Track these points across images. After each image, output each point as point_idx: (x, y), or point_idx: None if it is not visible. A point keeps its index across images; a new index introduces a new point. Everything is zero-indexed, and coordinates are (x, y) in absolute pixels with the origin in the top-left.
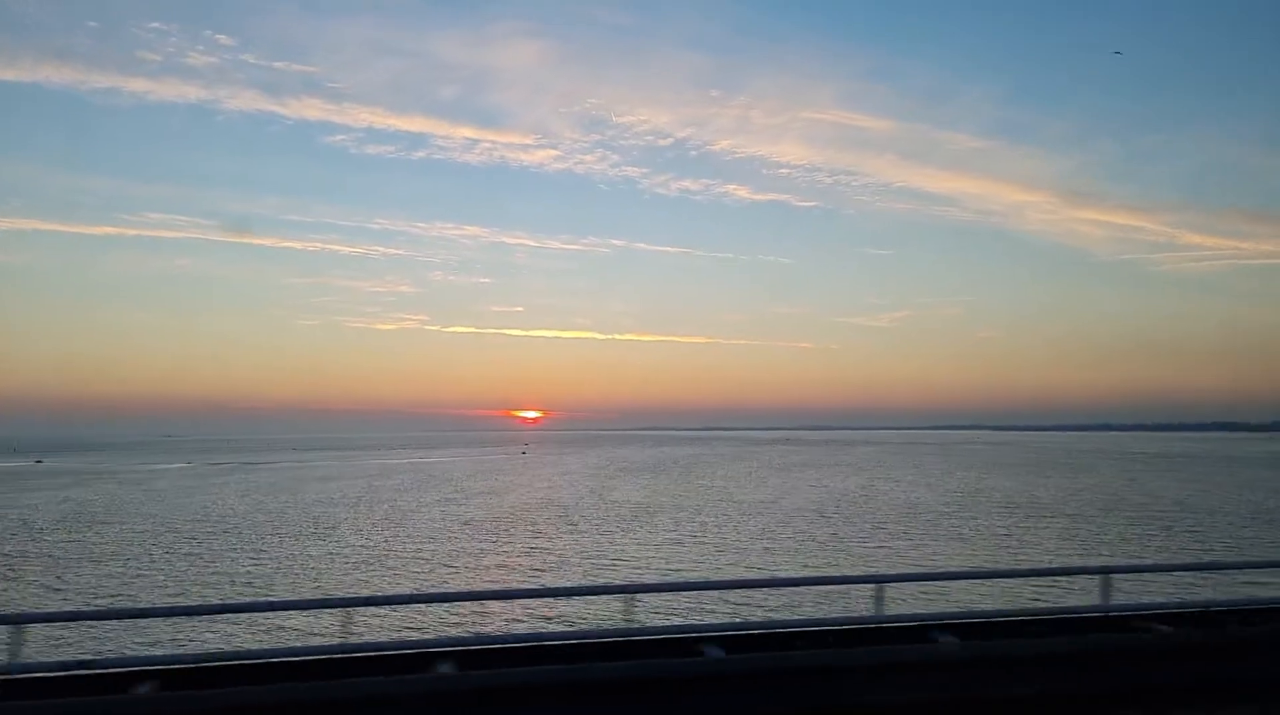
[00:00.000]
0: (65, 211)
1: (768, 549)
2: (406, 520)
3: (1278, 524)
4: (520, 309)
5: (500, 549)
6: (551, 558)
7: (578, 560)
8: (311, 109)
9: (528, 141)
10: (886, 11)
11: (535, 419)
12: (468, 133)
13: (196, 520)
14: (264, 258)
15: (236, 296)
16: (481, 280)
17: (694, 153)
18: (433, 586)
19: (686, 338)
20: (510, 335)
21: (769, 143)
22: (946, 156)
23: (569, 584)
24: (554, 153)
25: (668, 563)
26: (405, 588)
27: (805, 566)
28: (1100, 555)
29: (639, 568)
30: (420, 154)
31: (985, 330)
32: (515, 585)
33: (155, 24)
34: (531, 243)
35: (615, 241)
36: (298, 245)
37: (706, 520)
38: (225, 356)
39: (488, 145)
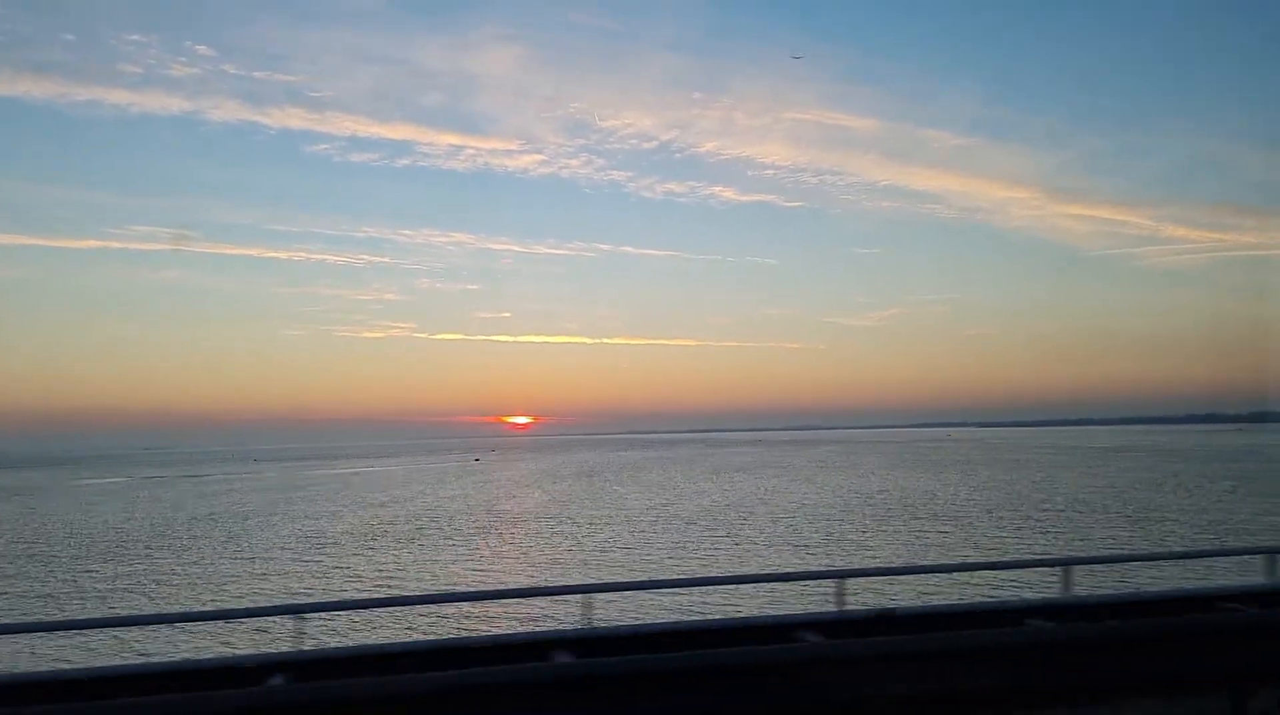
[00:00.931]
0: (48, 225)
1: (607, 555)
2: (248, 536)
3: (1141, 522)
4: (508, 315)
5: (288, 568)
6: (340, 577)
7: (371, 576)
8: (294, 118)
9: (511, 147)
10: (866, 11)
11: (526, 425)
12: (451, 139)
13: (30, 541)
14: (249, 268)
15: (222, 308)
16: (469, 287)
17: (679, 155)
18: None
19: (675, 341)
20: (499, 341)
21: (753, 144)
22: (931, 154)
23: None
24: (538, 158)
25: (448, 577)
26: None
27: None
28: (915, 556)
29: (415, 581)
30: (404, 161)
31: (973, 327)
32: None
33: (135, 36)
34: (518, 248)
35: (602, 245)
36: (283, 255)
37: (566, 528)
38: (213, 368)
39: (472, 151)
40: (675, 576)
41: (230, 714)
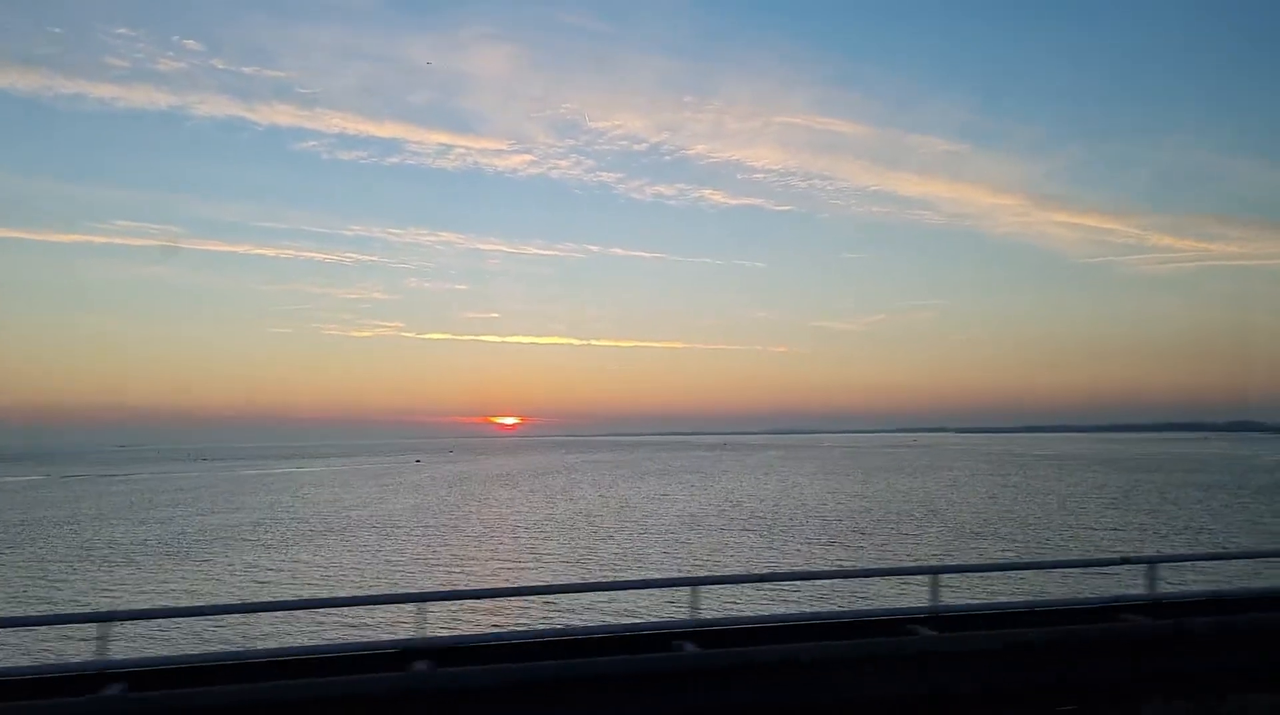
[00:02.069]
0: (33, 219)
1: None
2: (63, 539)
3: (988, 536)
4: (496, 315)
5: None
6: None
7: (112, 589)
8: (282, 115)
9: (501, 147)
10: (856, 17)
11: (513, 425)
12: (441, 138)
13: None
14: (236, 265)
15: (208, 304)
16: (457, 287)
17: (669, 158)
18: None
19: (663, 343)
20: (486, 341)
21: (743, 147)
22: (919, 161)
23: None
24: (528, 158)
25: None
26: None
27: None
28: (769, 564)
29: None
30: (393, 160)
31: (959, 333)
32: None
33: (122, 29)
34: (506, 249)
35: (591, 247)
36: (270, 252)
37: (391, 540)
38: (198, 365)
39: (461, 151)
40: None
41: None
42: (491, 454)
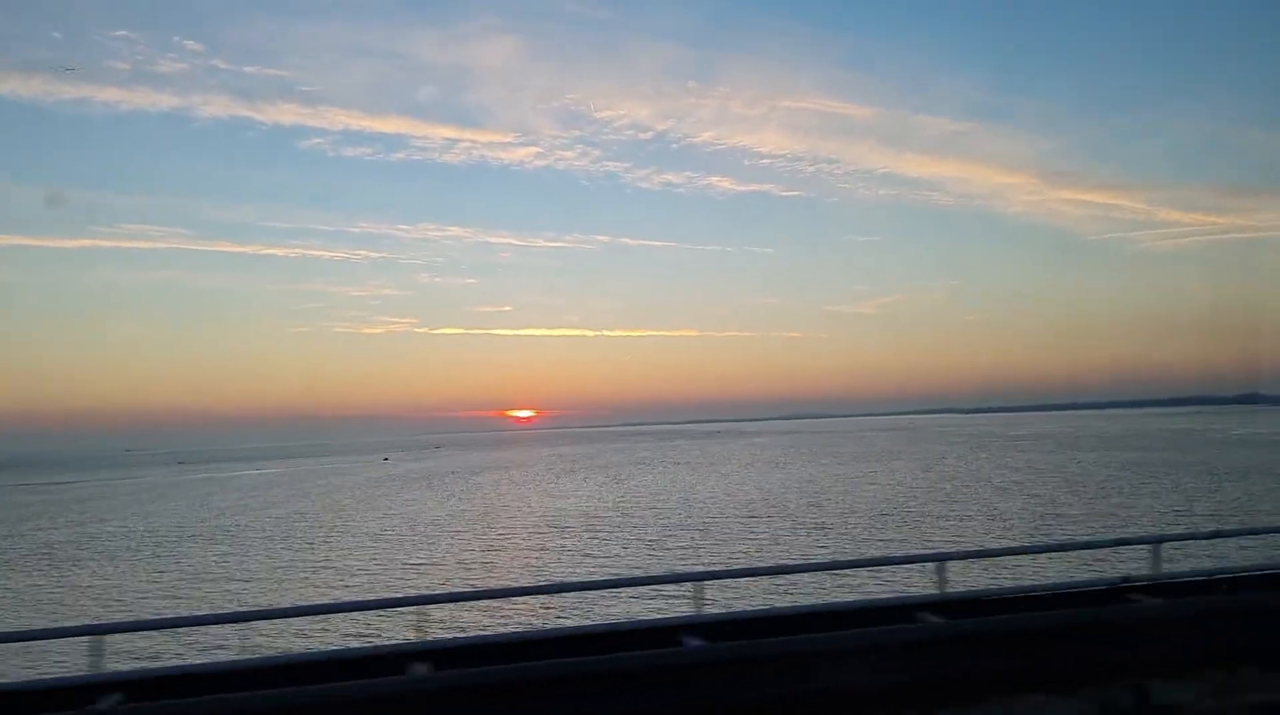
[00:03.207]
0: (40, 225)
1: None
2: None
3: (881, 527)
4: (508, 308)
5: None
6: None
7: None
8: (286, 113)
9: (508, 139)
10: None
11: (528, 418)
12: (447, 133)
13: None
14: (245, 265)
15: (219, 305)
16: (467, 281)
17: (675, 145)
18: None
19: (675, 332)
20: (499, 335)
21: (750, 133)
22: (927, 141)
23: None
24: (535, 150)
25: None
26: None
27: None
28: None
29: None
30: (399, 155)
31: (971, 313)
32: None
33: (122, 32)
34: (516, 241)
35: (600, 237)
36: (279, 252)
37: (279, 547)
38: (212, 366)
39: (467, 144)
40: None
41: None
42: (485, 449)
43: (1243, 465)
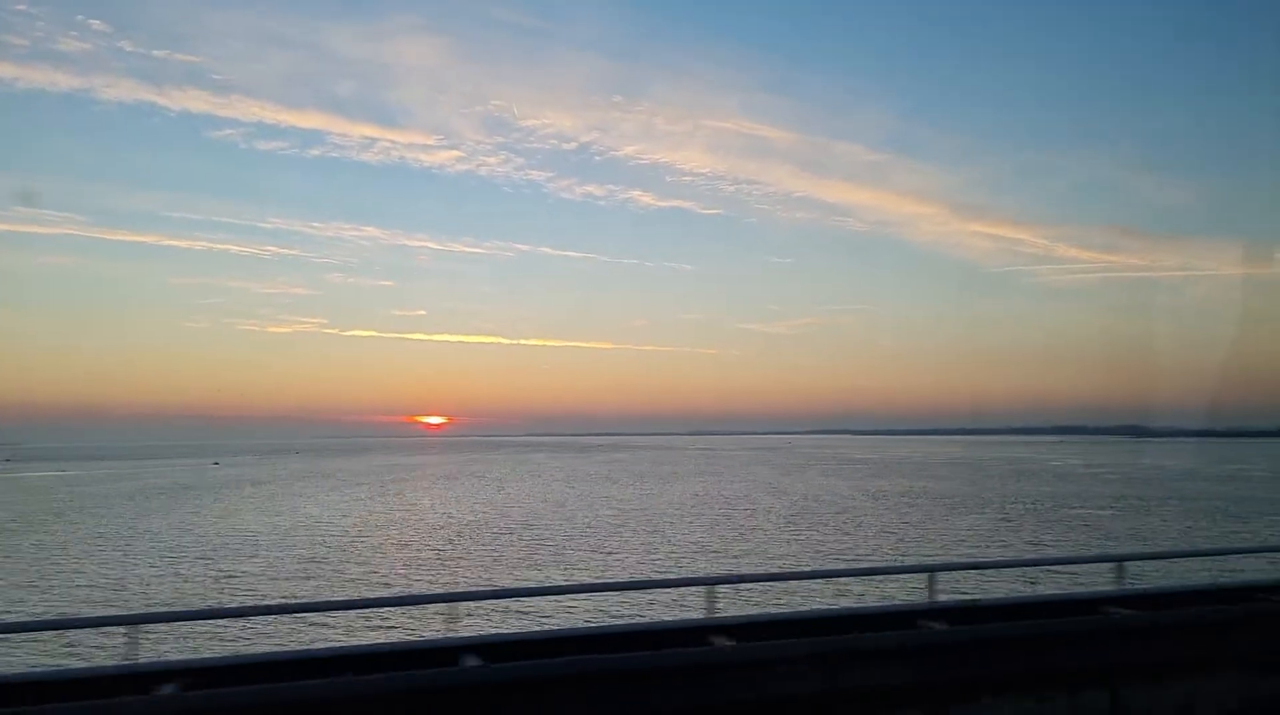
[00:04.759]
0: None
1: None
2: None
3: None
4: (423, 313)
5: None
6: None
7: None
8: (195, 101)
9: (429, 142)
10: (787, 24)
11: (440, 425)
12: (366, 131)
13: None
14: (146, 256)
15: (117, 297)
16: (382, 283)
17: (599, 158)
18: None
19: (593, 343)
20: (413, 339)
21: (673, 149)
22: (845, 168)
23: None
24: (456, 153)
25: None
26: None
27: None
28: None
29: None
30: (315, 151)
31: (881, 337)
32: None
33: (21, 6)
34: (434, 245)
35: (520, 245)
36: (183, 243)
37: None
38: (102, 359)
39: (387, 144)
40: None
41: None
42: (352, 456)
43: (1012, 496)
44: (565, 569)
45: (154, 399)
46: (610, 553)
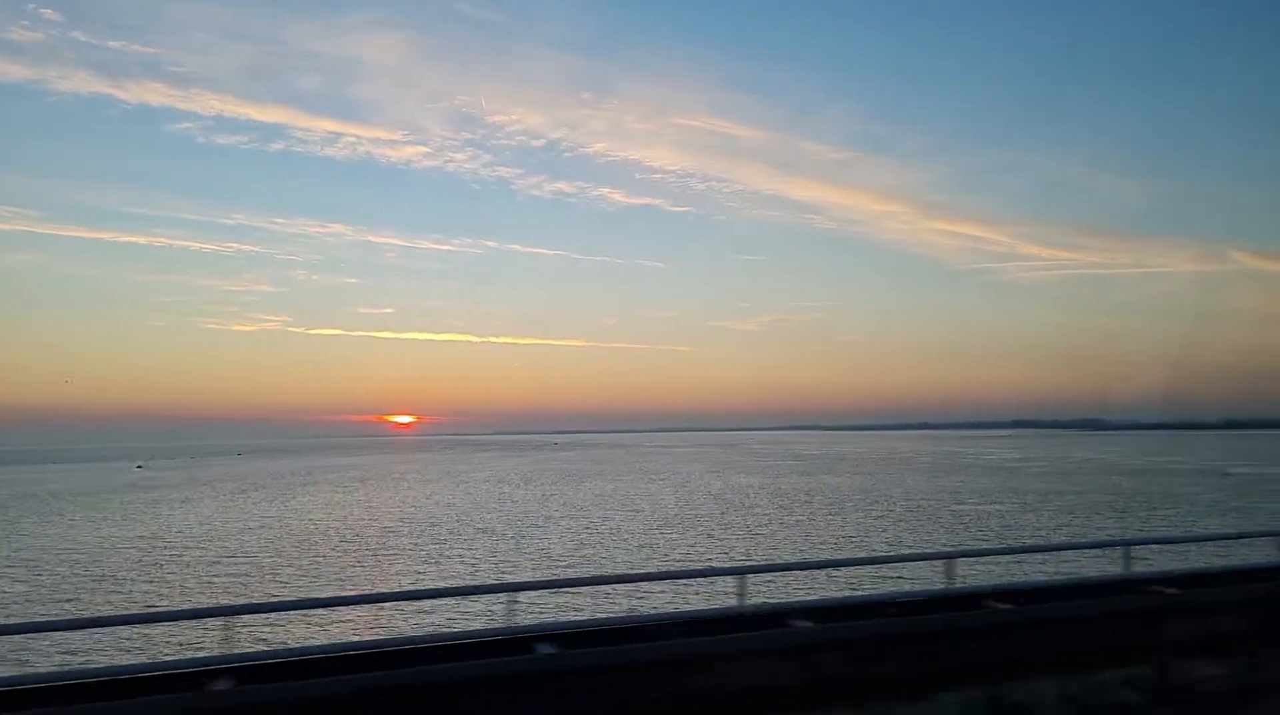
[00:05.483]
0: None
1: None
2: None
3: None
4: (390, 311)
5: None
6: None
7: None
8: (153, 93)
9: (395, 137)
10: (756, 22)
11: (409, 424)
12: (329, 126)
13: None
14: (103, 253)
15: (73, 295)
16: (348, 280)
17: (568, 155)
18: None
19: (562, 341)
20: (380, 337)
21: (642, 147)
22: (812, 166)
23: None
24: (423, 149)
25: None
26: None
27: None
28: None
29: None
30: (278, 146)
31: (847, 334)
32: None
33: None
34: (401, 242)
35: (489, 242)
36: (142, 239)
37: None
38: (58, 358)
39: (351, 139)
40: None
41: None
42: (290, 456)
43: (908, 492)
44: (339, 582)
45: (115, 399)
46: (405, 560)
